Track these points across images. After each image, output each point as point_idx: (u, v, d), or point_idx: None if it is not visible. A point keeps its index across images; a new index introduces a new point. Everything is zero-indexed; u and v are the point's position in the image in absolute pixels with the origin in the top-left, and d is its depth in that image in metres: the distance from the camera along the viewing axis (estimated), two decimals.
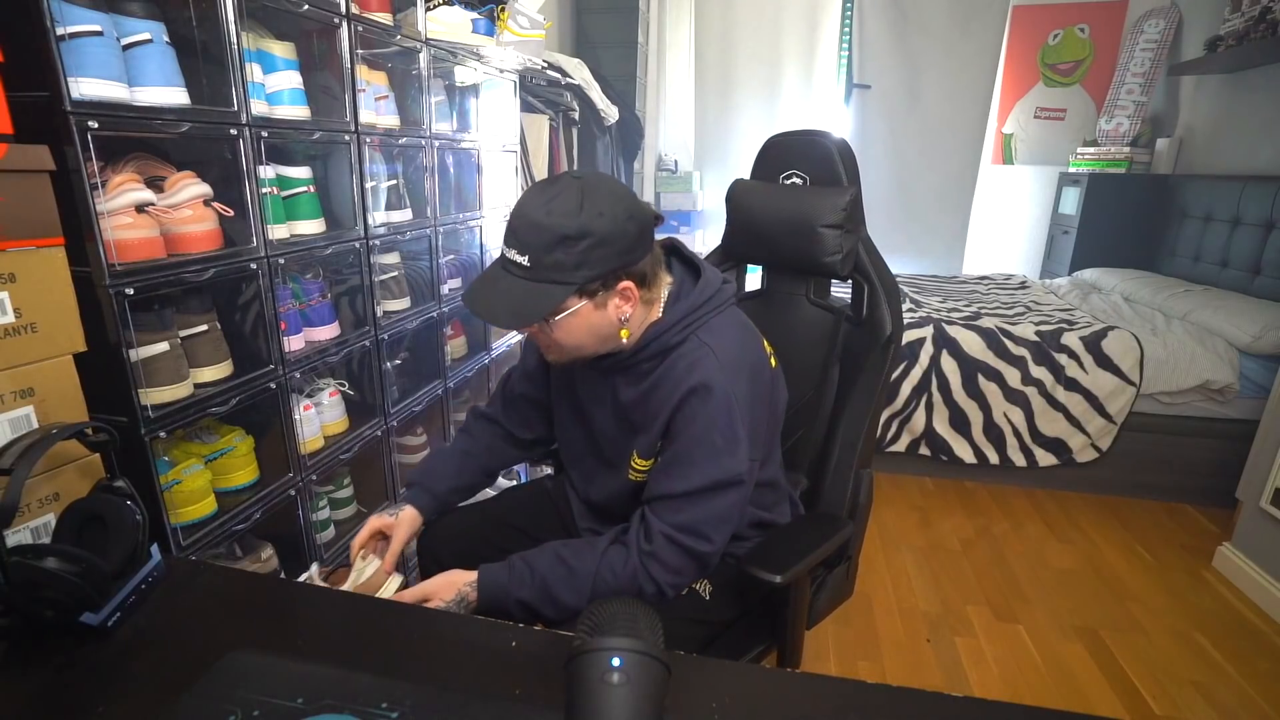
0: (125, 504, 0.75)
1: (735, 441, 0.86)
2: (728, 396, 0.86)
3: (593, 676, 0.50)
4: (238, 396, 1.14)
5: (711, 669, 0.66)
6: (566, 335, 0.87)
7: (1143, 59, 3.50)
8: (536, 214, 0.80)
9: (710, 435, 0.85)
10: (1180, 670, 1.64)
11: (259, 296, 1.18)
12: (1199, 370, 2.32)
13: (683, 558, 0.87)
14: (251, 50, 1.13)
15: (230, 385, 1.14)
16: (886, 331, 1.12)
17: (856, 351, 1.17)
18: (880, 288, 1.15)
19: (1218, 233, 2.94)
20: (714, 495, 0.87)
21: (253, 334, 1.22)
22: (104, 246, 0.91)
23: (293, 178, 1.28)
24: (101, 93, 0.90)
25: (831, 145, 1.18)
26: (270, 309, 1.19)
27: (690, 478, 0.86)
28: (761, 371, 0.93)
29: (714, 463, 0.86)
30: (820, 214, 1.17)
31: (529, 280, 0.82)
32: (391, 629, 0.72)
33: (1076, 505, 2.46)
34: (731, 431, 0.86)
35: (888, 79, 3.98)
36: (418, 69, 1.57)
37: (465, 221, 1.88)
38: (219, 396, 1.11)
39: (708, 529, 0.87)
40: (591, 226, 0.79)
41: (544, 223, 0.79)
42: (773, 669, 0.67)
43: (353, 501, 1.60)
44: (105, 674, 0.64)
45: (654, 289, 0.90)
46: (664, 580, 0.88)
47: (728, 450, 0.86)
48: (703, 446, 0.86)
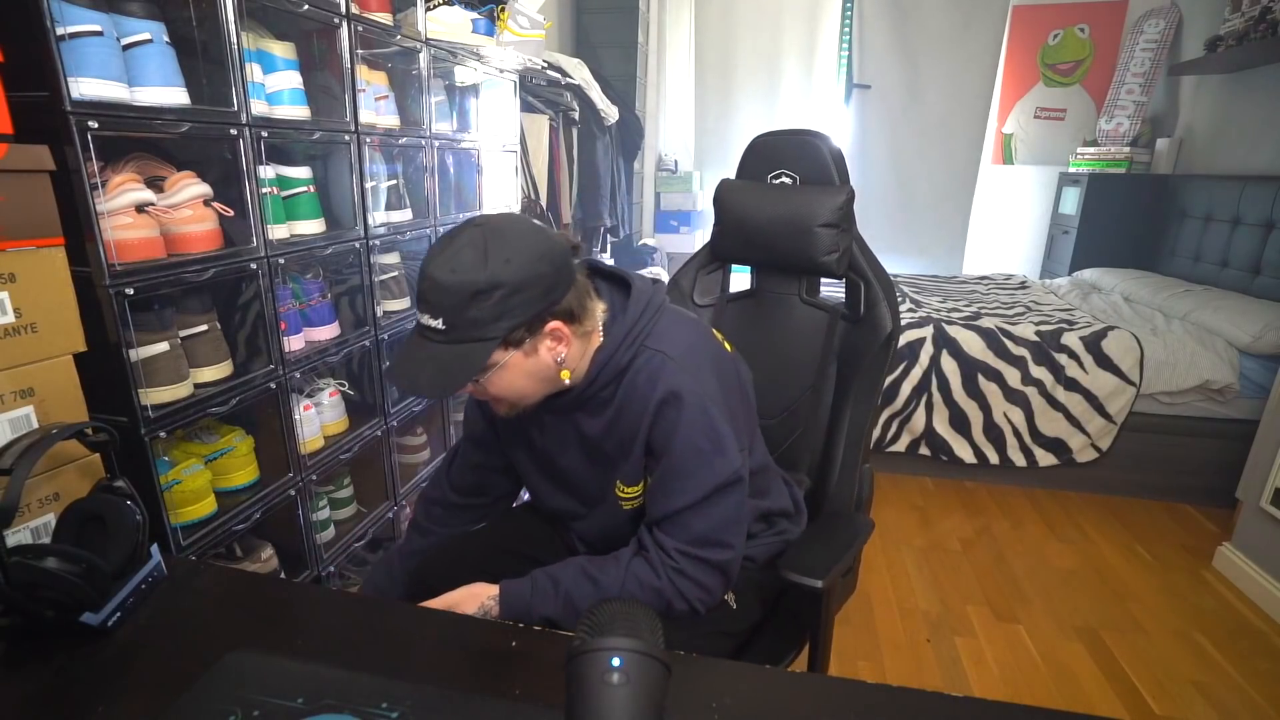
0: (125, 504, 0.75)
1: (721, 440, 0.84)
2: (699, 397, 0.83)
3: (593, 676, 0.50)
4: (238, 396, 1.14)
5: (712, 669, 0.66)
6: (506, 388, 0.83)
7: (1143, 59, 3.51)
8: (441, 274, 0.75)
9: (696, 441, 0.83)
10: (1180, 670, 1.64)
11: (259, 296, 1.18)
12: (1199, 370, 2.32)
13: (708, 572, 0.86)
14: (251, 50, 1.13)
15: (230, 385, 1.14)
16: (887, 329, 1.12)
17: (855, 349, 1.17)
18: (877, 285, 1.16)
19: (1218, 233, 2.94)
20: (718, 500, 0.84)
21: (253, 334, 1.22)
22: (104, 246, 0.91)
23: (293, 178, 1.28)
24: (101, 92, 0.90)
25: (823, 145, 1.19)
26: (270, 309, 1.19)
27: (689, 490, 0.84)
28: (722, 361, 0.91)
29: (708, 468, 0.83)
30: (816, 213, 1.17)
31: (448, 344, 0.77)
32: (392, 629, 0.72)
33: (1076, 505, 2.46)
34: (715, 431, 0.84)
35: (888, 79, 3.99)
36: (418, 69, 1.57)
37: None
38: (219, 396, 1.11)
39: (723, 535, 0.85)
40: (501, 276, 0.75)
41: (449, 281, 0.75)
42: (773, 669, 0.67)
43: (353, 501, 1.60)
44: (105, 674, 0.64)
45: (586, 320, 0.85)
46: (695, 597, 0.86)
47: (716, 451, 0.84)
48: (692, 455, 0.83)
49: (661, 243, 4.01)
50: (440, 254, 0.76)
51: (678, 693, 0.57)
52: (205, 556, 1.13)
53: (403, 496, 1.65)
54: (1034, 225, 4.10)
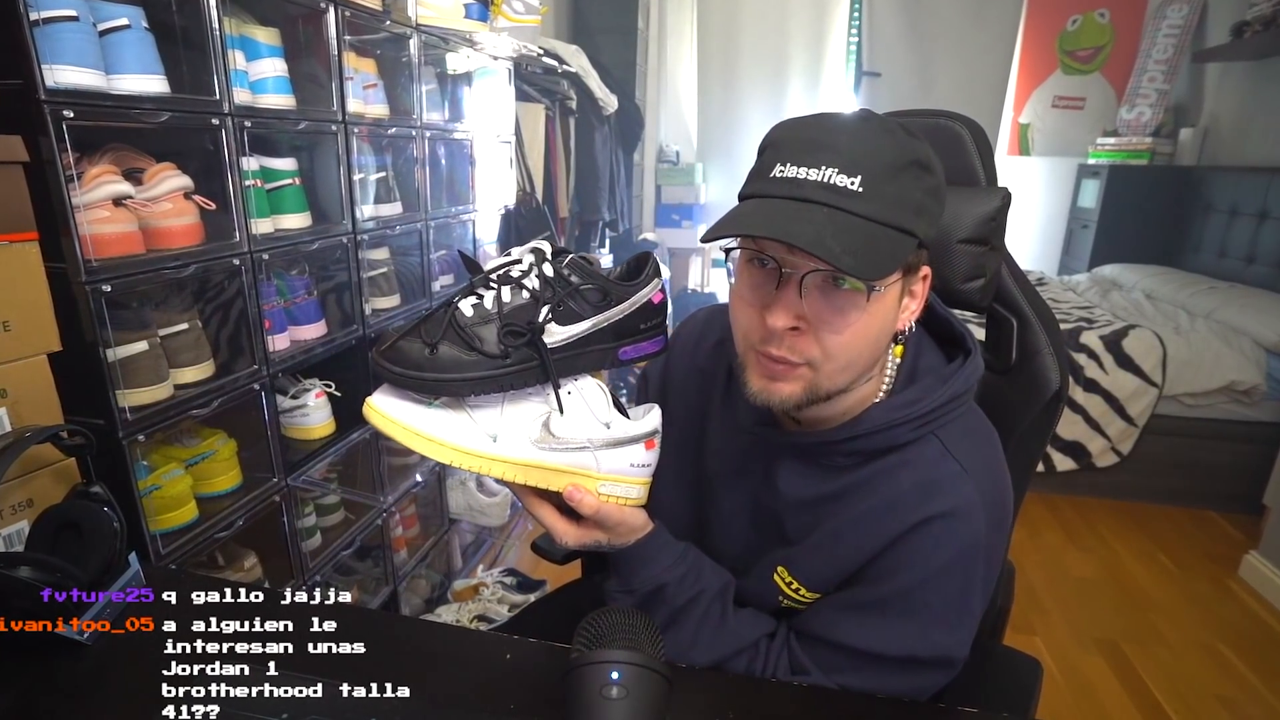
0: (102, 510, 0.75)
1: (963, 613, 0.64)
2: (976, 543, 0.62)
3: (591, 690, 0.50)
4: (220, 398, 1.14)
5: (715, 681, 0.66)
6: (851, 338, 0.59)
7: (1165, 45, 3.50)
8: (864, 127, 0.57)
9: (933, 590, 0.63)
10: (1204, 684, 1.64)
11: (242, 294, 1.17)
12: (1224, 371, 2.32)
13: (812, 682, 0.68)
14: (234, 36, 1.13)
15: (212, 386, 1.13)
16: (1052, 387, 0.84)
17: (1000, 411, 0.83)
18: (1038, 325, 0.87)
19: (1244, 227, 2.95)
20: (903, 672, 0.64)
21: (235, 333, 1.21)
22: (80, 241, 0.91)
23: (277, 169, 1.28)
24: (77, 81, 0.90)
25: (963, 129, 0.88)
26: (254, 307, 1.19)
27: (883, 639, 0.64)
28: (1009, 509, 0.69)
29: (922, 630, 0.63)
30: (955, 224, 0.82)
31: (863, 218, 0.55)
32: (381, 641, 0.72)
33: (1096, 512, 2.46)
34: (963, 597, 0.64)
35: (898, 66, 3.99)
36: (408, 56, 1.57)
37: (458, 215, 1.88)
38: (200, 398, 1.11)
39: (863, 689, 0.66)
40: (933, 162, 0.58)
41: (882, 137, 0.56)
42: (777, 681, 0.67)
43: (340, 508, 1.60)
44: (82, 688, 0.64)
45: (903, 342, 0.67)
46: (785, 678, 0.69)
47: (947, 620, 0.63)
48: (919, 605, 0.63)
49: (662, 237, 4.01)
50: (838, 114, 0.59)
51: (683, 705, 0.57)
52: (186, 565, 1.13)
53: (393, 504, 1.65)
54: (1051, 219, 4.10)
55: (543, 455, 0.62)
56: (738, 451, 0.74)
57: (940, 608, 0.63)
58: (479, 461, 0.60)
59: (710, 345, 0.80)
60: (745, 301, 0.62)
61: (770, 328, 0.58)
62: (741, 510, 0.74)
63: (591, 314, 0.63)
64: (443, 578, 1.98)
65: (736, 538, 0.74)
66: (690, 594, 0.68)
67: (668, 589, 0.67)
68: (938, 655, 0.64)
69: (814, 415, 0.66)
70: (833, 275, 0.56)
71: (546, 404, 0.62)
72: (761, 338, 0.60)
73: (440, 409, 0.60)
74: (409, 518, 1.86)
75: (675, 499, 0.78)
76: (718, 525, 0.76)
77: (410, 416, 0.59)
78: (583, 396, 0.63)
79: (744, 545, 0.74)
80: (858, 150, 0.56)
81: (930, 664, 0.64)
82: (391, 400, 0.60)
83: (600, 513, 0.64)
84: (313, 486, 1.50)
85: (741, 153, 4.27)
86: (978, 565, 0.63)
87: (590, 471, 0.64)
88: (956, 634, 0.64)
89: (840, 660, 0.65)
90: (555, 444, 0.62)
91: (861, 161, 0.55)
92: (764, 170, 0.59)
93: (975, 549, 0.63)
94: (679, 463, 0.78)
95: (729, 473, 0.74)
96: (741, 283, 0.62)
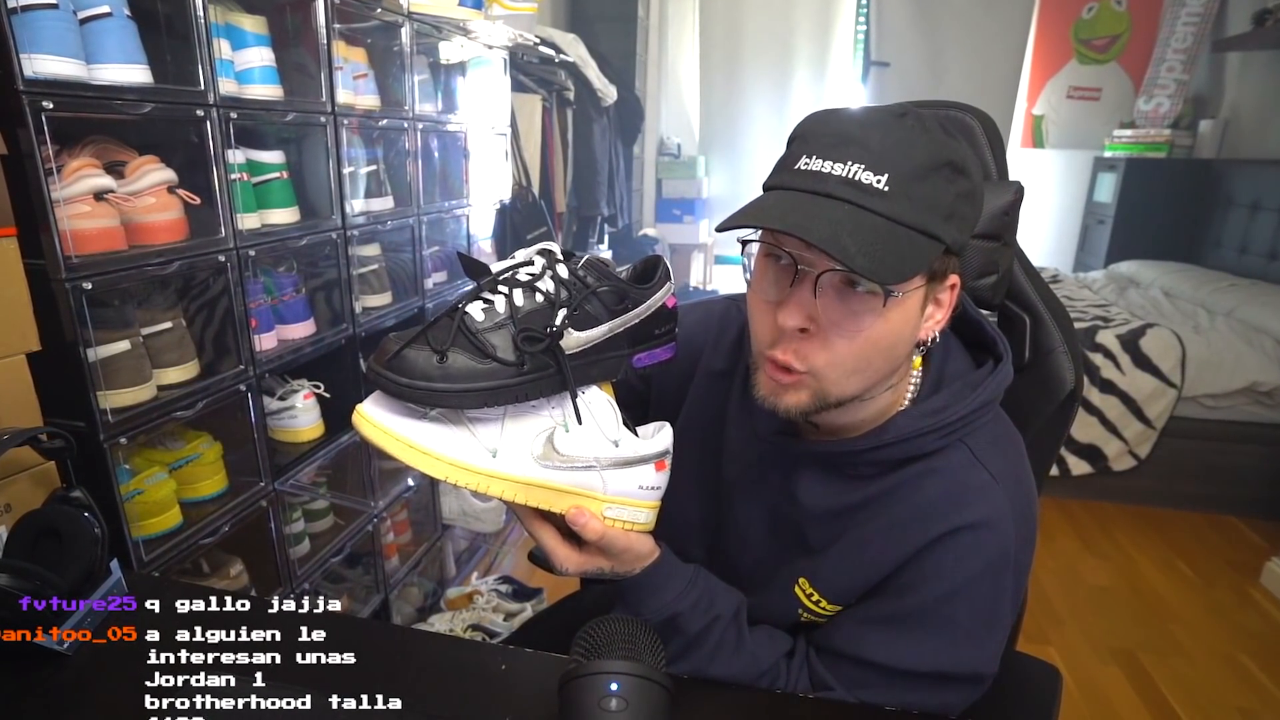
0: (83, 516, 0.75)
1: (993, 627, 0.64)
2: (1006, 552, 0.62)
3: (589, 702, 0.50)
4: (205, 399, 1.14)
5: (718, 693, 0.66)
6: (864, 344, 0.58)
7: (1185, 34, 3.50)
8: (898, 123, 0.56)
9: (962, 603, 0.62)
10: (1225, 696, 1.64)
11: (228, 291, 1.17)
12: (1245, 371, 2.32)
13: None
14: (219, 24, 1.13)
15: (197, 387, 1.14)
16: (1066, 386, 0.85)
17: (1014, 409, 0.83)
18: (1051, 323, 0.88)
19: (1266, 222, 2.95)
20: (930, 688, 0.64)
21: (221, 332, 1.22)
22: (59, 237, 0.91)
23: (264, 163, 1.28)
24: (57, 70, 0.90)
25: (975, 121, 0.89)
26: (240, 305, 1.19)
27: (910, 654, 0.63)
28: (1035, 529, 0.68)
29: (951, 645, 0.62)
30: None
31: (885, 217, 0.55)
32: (372, 651, 0.72)
33: (1112, 517, 2.46)
34: (993, 610, 0.63)
35: (908, 56, 3.99)
36: (399, 45, 1.57)
37: (451, 210, 1.88)
38: (184, 399, 1.11)
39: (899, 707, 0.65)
40: (969, 164, 0.58)
41: (913, 134, 0.55)
42: (779, 693, 0.67)
43: (329, 513, 1.60)
44: (62, 701, 0.64)
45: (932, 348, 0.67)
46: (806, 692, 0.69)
47: (976, 634, 0.63)
48: (944, 616, 0.62)
49: (663, 233, 4.02)
50: (873, 108, 0.59)
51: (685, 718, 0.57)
52: (170, 573, 1.13)
53: (384, 509, 1.65)
54: (1066, 214, 4.10)
55: (546, 474, 0.59)
56: (755, 458, 0.73)
57: (969, 622, 0.63)
58: (477, 478, 0.57)
59: (730, 342, 0.79)
60: (761, 299, 0.61)
61: (780, 326, 0.58)
62: (760, 519, 0.73)
63: (608, 318, 0.61)
64: (435, 586, 1.98)
65: (754, 546, 0.74)
66: (705, 621, 0.66)
67: (681, 618, 0.66)
68: (966, 671, 0.63)
69: (833, 421, 0.66)
70: (849, 276, 0.56)
71: (552, 418, 0.60)
72: (771, 340, 0.60)
73: (437, 420, 0.57)
74: (400, 523, 1.86)
75: (689, 504, 0.78)
76: (734, 532, 0.75)
77: (404, 428, 0.56)
78: (590, 411, 0.61)
79: (762, 554, 0.73)
80: (888, 147, 0.55)
81: (958, 680, 0.63)
82: (384, 409, 0.56)
83: (605, 538, 0.61)
84: (301, 491, 1.50)
85: (745, 146, 4.27)
86: (1007, 577, 0.63)
87: (596, 493, 0.61)
88: (986, 649, 0.63)
89: (865, 676, 0.64)
90: (560, 462, 0.59)
91: (890, 159, 0.55)
92: (790, 162, 0.59)
93: (1005, 560, 0.62)
94: (697, 466, 0.77)
95: (747, 480, 0.74)
96: (759, 278, 0.62)
